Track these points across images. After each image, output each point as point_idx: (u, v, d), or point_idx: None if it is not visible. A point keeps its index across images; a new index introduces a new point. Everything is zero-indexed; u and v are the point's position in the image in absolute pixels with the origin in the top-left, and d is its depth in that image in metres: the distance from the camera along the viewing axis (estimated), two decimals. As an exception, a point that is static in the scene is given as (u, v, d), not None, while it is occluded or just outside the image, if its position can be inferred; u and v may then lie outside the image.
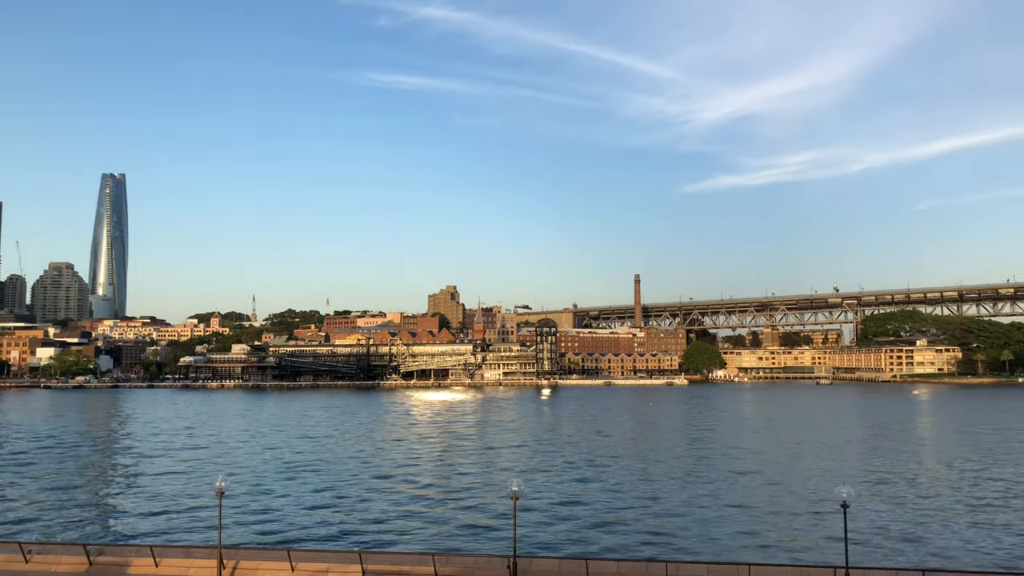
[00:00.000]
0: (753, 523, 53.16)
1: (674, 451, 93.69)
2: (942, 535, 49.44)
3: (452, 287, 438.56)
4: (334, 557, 36.51)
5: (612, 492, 65.08)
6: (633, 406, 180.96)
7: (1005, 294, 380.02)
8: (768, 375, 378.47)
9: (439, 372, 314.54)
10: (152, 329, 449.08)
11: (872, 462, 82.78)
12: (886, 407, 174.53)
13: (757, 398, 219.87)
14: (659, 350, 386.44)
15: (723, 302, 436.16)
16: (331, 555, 37.20)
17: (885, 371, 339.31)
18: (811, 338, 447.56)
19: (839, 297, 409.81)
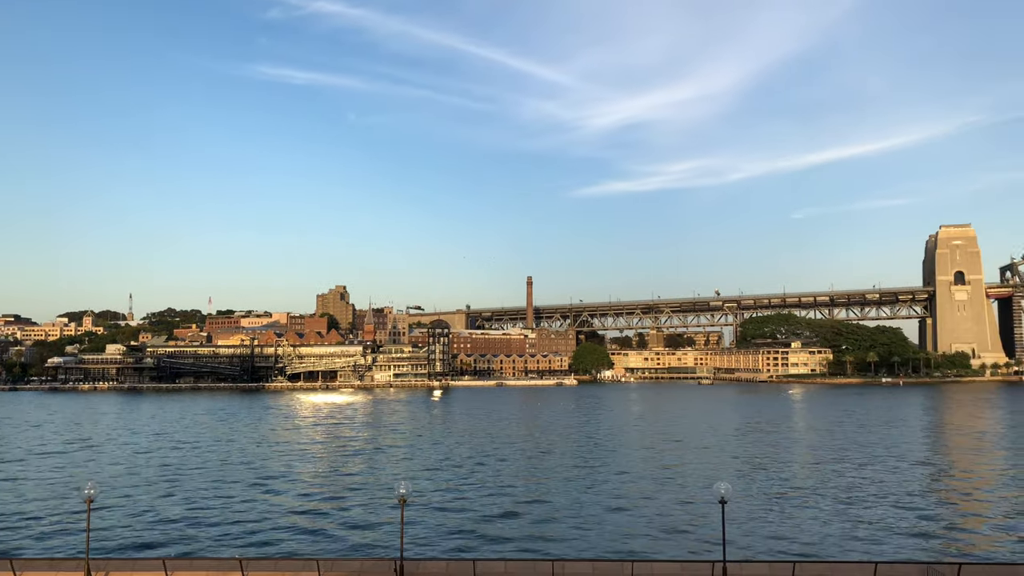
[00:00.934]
0: (636, 520, 54.31)
1: (561, 451, 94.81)
2: (812, 527, 51.85)
3: (342, 287, 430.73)
4: (213, 565, 34.88)
5: (500, 493, 65.19)
6: (523, 406, 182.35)
7: (872, 299, 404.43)
8: (653, 375, 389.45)
9: (327, 374, 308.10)
10: (16, 328, 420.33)
11: (749, 458, 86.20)
12: (763, 406, 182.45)
13: (642, 398, 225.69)
14: (550, 351, 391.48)
15: (611, 304, 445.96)
16: (209, 563, 35.52)
17: (763, 371, 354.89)
18: (694, 340, 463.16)
19: (720, 301, 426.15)
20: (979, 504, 61.29)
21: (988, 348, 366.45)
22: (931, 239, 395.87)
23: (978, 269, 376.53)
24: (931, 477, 73.90)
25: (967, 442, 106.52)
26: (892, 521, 53.32)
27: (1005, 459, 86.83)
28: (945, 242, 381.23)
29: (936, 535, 49.65)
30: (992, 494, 65.23)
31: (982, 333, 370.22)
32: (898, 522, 53.01)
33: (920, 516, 55.09)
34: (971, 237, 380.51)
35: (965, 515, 56.74)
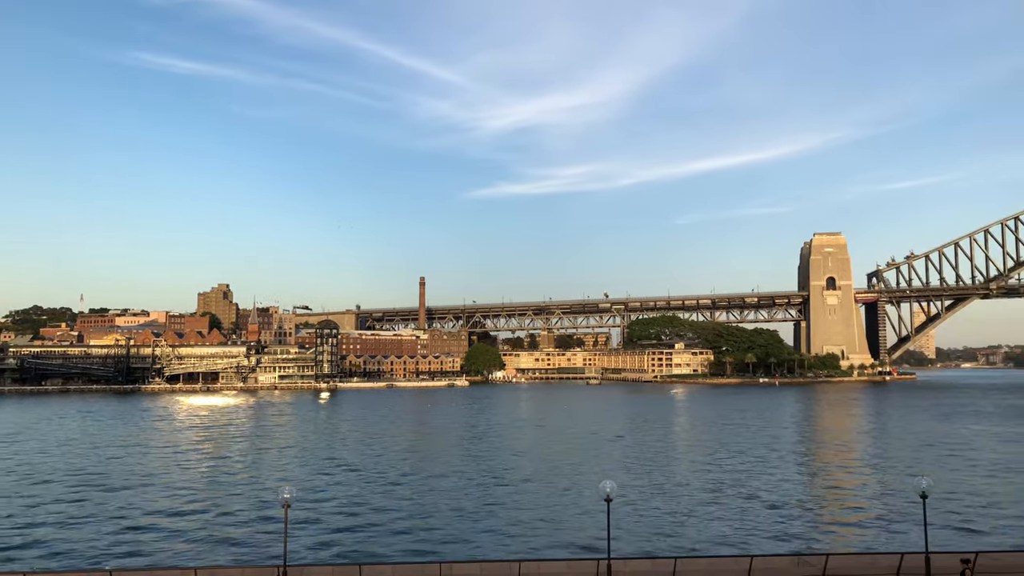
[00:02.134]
0: (524, 520, 54.40)
1: (449, 452, 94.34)
2: (692, 523, 53.30)
3: (225, 286, 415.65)
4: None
5: (387, 495, 64.13)
6: (413, 408, 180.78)
7: (750, 303, 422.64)
8: (544, 375, 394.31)
9: (209, 376, 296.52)
10: None
11: (634, 457, 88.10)
12: (648, 405, 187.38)
13: (532, 398, 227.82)
14: (442, 352, 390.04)
15: (504, 306, 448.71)
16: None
17: (648, 372, 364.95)
18: (583, 340, 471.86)
19: (609, 303, 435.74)
20: (845, 497, 64.59)
21: (856, 350, 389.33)
22: (806, 246, 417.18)
23: (848, 275, 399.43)
24: (801, 472, 77.47)
25: (834, 438, 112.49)
26: (766, 515, 55.43)
27: (868, 454, 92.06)
28: (818, 249, 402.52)
29: (806, 527, 51.89)
30: (856, 488, 68.91)
31: (851, 336, 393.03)
32: (771, 516, 55.15)
33: (791, 509, 57.51)
34: (842, 245, 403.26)
35: (832, 508, 59.66)
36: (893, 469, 77.83)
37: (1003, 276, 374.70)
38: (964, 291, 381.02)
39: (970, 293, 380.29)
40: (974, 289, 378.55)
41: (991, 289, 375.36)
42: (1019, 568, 32.75)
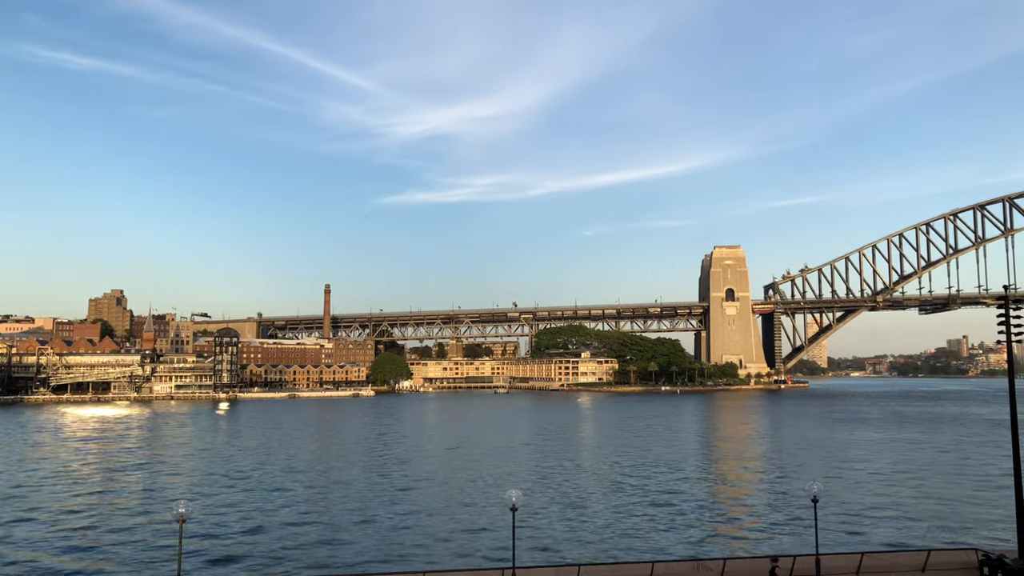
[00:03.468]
0: (429, 530, 53.66)
1: (353, 462, 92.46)
2: (596, 530, 53.67)
3: (118, 291, 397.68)
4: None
5: (287, 507, 62.20)
6: (316, 419, 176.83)
7: (653, 313, 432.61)
8: (452, 385, 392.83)
9: (99, 385, 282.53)
10: None
11: (540, 465, 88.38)
12: (554, 414, 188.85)
13: (439, 407, 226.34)
14: (347, 361, 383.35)
15: (412, 314, 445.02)
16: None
17: (555, 380, 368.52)
18: (492, 349, 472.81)
19: (517, 312, 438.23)
20: (741, 503, 66.36)
21: (753, 359, 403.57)
22: (707, 258, 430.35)
23: (746, 287, 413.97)
24: (699, 478, 79.27)
25: (732, 445, 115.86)
26: (666, 521, 56.36)
27: (763, 460, 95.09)
28: (718, 261, 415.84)
29: (705, 533, 52.99)
30: (752, 493, 70.94)
31: (748, 345, 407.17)
32: (672, 522, 56.11)
33: (690, 515, 58.69)
34: (740, 257, 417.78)
35: (729, 513, 61.16)
36: (786, 474, 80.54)
37: (889, 289, 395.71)
38: (853, 303, 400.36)
39: (859, 305, 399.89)
40: (863, 301, 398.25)
41: (878, 302, 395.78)
42: (903, 567, 34.15)
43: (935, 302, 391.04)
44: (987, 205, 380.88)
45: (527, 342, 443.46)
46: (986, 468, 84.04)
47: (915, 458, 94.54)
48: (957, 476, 78.40)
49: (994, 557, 32.85)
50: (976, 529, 53.00)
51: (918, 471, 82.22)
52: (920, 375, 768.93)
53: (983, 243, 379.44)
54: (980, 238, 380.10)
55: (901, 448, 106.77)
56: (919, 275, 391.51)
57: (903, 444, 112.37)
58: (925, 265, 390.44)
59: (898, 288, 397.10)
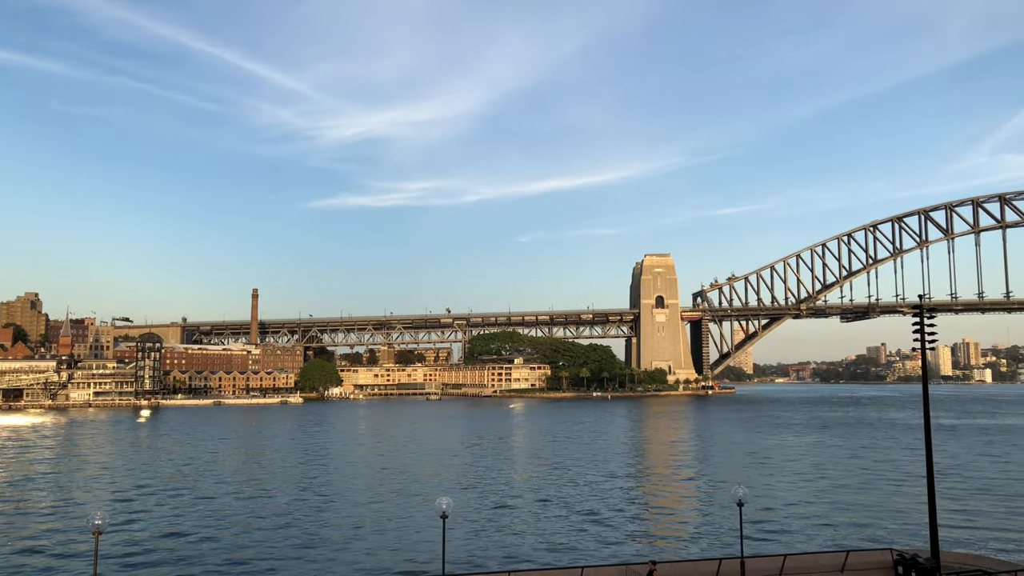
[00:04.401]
0: (358, 540, 52.75)
1: (279, 472, 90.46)
2: (526, 536, 53.56)
3: (33, 294, 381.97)
4: None
5: (209, 520, 60.35)
6: (242, 426, 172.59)
7: (586, 319, 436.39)
8: (383, 391, 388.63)
9: (11, 392, 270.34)
10: None
11: (471, 472, 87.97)
12: (486, 420, 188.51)
13: (370, 414, 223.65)
14: (275, 368, 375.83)
15: (343, 320, 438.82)
16: None
17: (488, 387, 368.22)
18: (424, 356, 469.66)
19: (451, 318, 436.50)
20: (669, 506, 67.28)
21: (682, 365, 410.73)
22: (637, 266, 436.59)
23: (675, 294, 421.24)
24: (629, 483, 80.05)
25: (660, 450, 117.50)
26: (596, 526, 56.66)
27: (691, 465, 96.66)
28: (649, 269, 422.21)
29: (633, 537, 53.45)
30: (680, 497, 71.99)
31: (677, 352, 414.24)
32: (601, 527, 56.45)
33: (619, 520, 59.14)
34: (670, 265, 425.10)
35: (657, 517, 61.89)
36: (713, 479, 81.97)
37: (812, 298, 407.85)
38: (778, 311, 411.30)
39: (783, 313, 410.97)
40: (787, 309, 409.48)
41: (801, 310, 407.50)
42: (823, 568, 35.00)
43: (855, 310, 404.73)
44: (904, 217, 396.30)
45: (460, 348, 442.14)
46: (901, 471, 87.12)
47: (835, 462, 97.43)
48: (874, 479, 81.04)
49: (908, 556, 33.91)
50: (892, 529, 54.79)
51: (838, 474, 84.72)
52: (841, 381, 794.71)
53: (900, 254, 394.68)
54: (898, 249, 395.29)
55: (822, 452, 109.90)
56: (840, 284, 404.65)
57: (824, 448, 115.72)
58: (846, 275, 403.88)
59: (820, 297, 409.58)
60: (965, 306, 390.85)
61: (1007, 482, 77.97)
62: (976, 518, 58.69)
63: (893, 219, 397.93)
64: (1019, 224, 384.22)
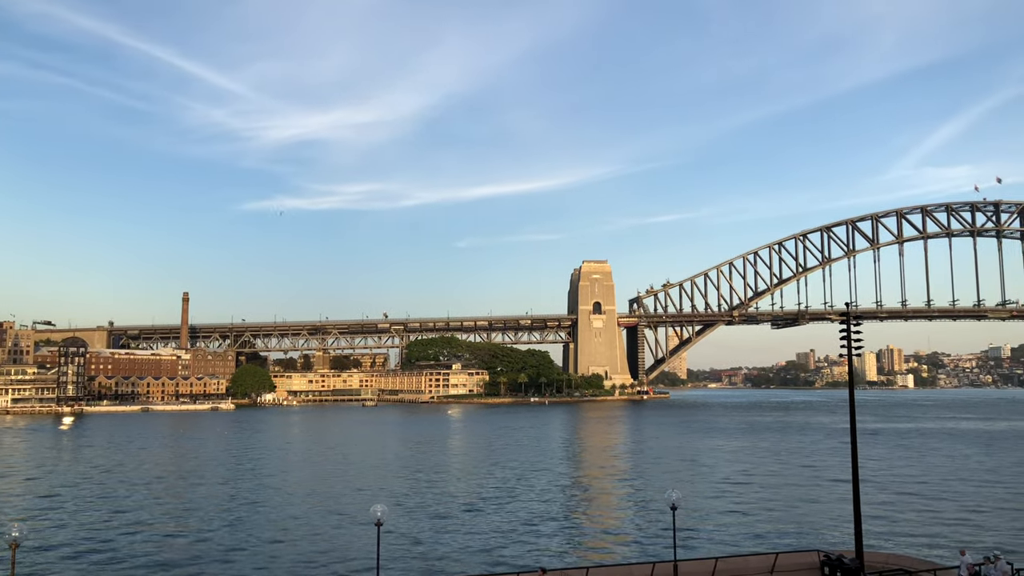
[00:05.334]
0: (290, 550, 51.63)
1: (206, 481, 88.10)
2: (460, 542, 53.20)
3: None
4: None
5: (132, 530, 58.31)
6: (171, 434, 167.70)
7: (524, 325, 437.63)
8: (318, 398, 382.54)
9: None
10: None
11: (406, 479, 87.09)
12: (422, 426, 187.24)
13: (303, 421, 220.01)
14: (206, 373, 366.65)
15: (277, 325, 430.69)
16: None
17: (425, 392, 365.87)
18: (360, 362, 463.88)
19: (388, 323, 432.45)
20: (604, 511, 67.74)
21: (618, 370, 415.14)
22: (575, 272, 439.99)
23: (612, 301, 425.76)
24: (564, 488, 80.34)
25: (596, 454, 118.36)
26: (530, 531, 56.61)
27: (626, 469, 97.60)
28: (586, 275, 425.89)
29: (568, 542, 53.58)
30: (614, 501, 72.55)
31: (614, 357, 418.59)
32: (535, 532, 56.43)
33: (554, 525, 59.24)
34: (607, 272, 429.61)
35: (592, 521, 62.21)
36: (647, 483, 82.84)
37: (744, 305, 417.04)
38: (712, 317, 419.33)
39: (716, 319, 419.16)
40: (720, 316, 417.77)
41: (734, 316, 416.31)
42: (753, 570, 35.57)
43: (785, 317, 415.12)
44: (832, 227, 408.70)
45: (397, 354, 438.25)
46: (828, 473, 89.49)
47: (765, 465, 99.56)
48: (802, 481, 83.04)
49: (834, 557, 34.71)
50: (819, 531, 56.15)
51: (767, 478, 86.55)
52: (772, 386, 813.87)
53: (829, 263, 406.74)
54: (826, 258, 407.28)
55: (752, 456, 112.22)
56: (771, 292, 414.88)
57: (754, 452, 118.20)
58: (777, 282, 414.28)
59: (752, 304, 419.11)
60: (889, 314, 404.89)
61: (926, 484, 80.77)
62: (898, 519, 60.58)
63: (822, 229, 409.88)
64: (939, 235, 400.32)
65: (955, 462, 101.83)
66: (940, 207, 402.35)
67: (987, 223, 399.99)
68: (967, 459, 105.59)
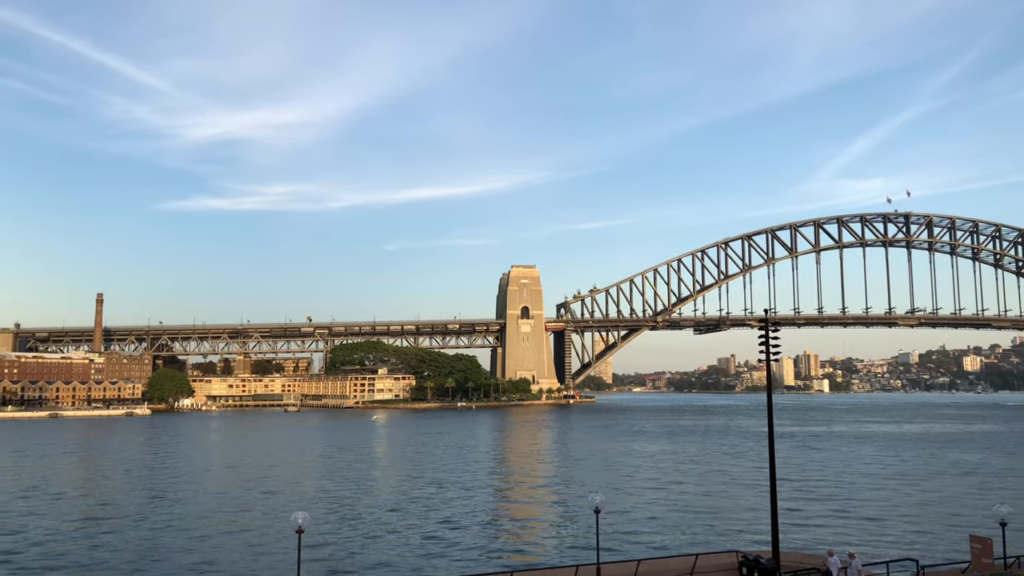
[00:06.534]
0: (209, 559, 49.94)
1: (116, 490, 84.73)
2: (387, 548, 52.40)
3: None
4: None
5: (50, 540, 55.56)
6: (82, 440, 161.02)
7: (452, 329, 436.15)
8: (238, 403, 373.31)
9: None
10: None
11: (328, 485, 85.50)
12: (346, 432, 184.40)
13: (223, 426, 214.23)
14: (121, 377, 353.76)
15: (196, 328, 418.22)
16: None
17: (350, 398, 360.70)
18: (283, 366, 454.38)
19: (312, 327, 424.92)
20: (529, 514, 67.73)
21: (545, 375, 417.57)
22: (504, 277, 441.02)
23: (540, 306, 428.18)
24: (488, 492, 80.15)
25: (521, 458, 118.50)
26: (454, 536, 56.17)
27: (550, 473, 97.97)
28: (515, 280, 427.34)
29: (492, 546, 53.32)
30: (539, 505, 72.65)
31: (541, 362, 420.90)
32: (459, 537, 56.02)
33: (478, 529, 58.92)
34: (535, 277, 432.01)
35: (517, 525, 62.14)
36: (571, 486, 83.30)
37: (668, 310, 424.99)
38: (636, 323, 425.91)
39: (641, 324, 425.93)
40: (644, 321, 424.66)
41: (658, 322, 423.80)
42: (674, 571, 35.96)
43: (707, 323, 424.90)
44: (753, 236, 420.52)
45: (321, 358, 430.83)
46: (747, 476, 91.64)
47: (686, 468, 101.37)
48: (722, 484, 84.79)
49: (752, 558, 35.40)
50: (738, 532, 57.30)
51: (689, 480, 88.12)
52: (694, 390, 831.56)
53: (749, 270, 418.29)
54: (747, 266, 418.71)
55: (674, 459, 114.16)
56: (694, 298, 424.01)
57: (676, 455, 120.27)
58: (699, 289, 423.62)
59: (676, 309, 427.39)
60: (806, 320, 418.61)
61: (839, 485, 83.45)
62: (813, 519, 62.33)
63: (743, 237, 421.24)
64: (854, 245, 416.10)
65: (865, 464, 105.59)
66: (855, 218, 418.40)
67: (898, 234, 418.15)
68: (877, 461, 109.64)
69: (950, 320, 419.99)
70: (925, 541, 53.32)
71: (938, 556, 45.73)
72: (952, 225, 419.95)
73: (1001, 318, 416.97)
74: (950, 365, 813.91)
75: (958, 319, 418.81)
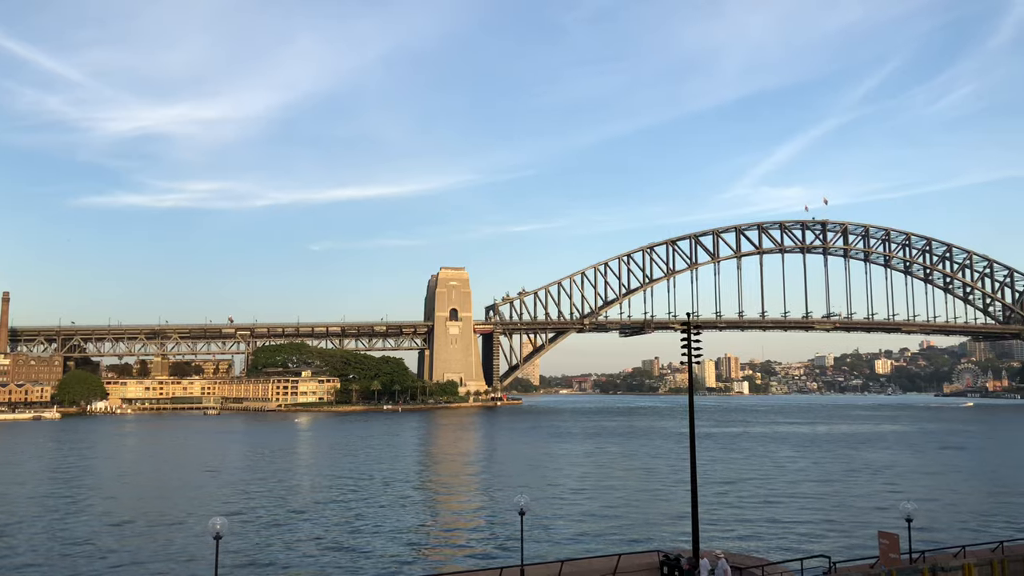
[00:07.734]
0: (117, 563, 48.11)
1: (28, 497, 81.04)
2: (310, 555, 51.47)
3: None
4: None
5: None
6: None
7: (379, 331, 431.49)
8: (155, 406, 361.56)
9: None
10: None
11: (247, 490, 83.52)
12: (268, 435, 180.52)
13: (138, 430, 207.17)
14: (29, 380, 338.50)
15: (111, 328, 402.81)
16: None
17: (272, 401, 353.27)
18: (203, 368, 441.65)
19: (233, 328, 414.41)
20: (454, 518, 67.52)
21: (473, 377, 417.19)
22: (433, 279, 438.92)
23: (469, 307, 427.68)
24: (413, 496, 79.58)
25: (446, 461, 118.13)
26: (379, 542, 55.60)
27: (476, 475, 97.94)
28: (444, 282, 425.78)
29: (416, 551, 52.97)
30: (464, 508, 72.51)
31: (469, 364, 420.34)
32: (384, 542, 55.48)
33: (404, 534, 58.44)
34: (465, 279, 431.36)
35: (441, 529, 61.87)
36: (496, 488, 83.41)
37: (594, 313, 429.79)
38: (564, 325, 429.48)
39: (568, 327, 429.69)
40: (571, 324, 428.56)
41: (585, 324, 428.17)
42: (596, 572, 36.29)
43: (632, 326, 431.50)
44: (677, 241, 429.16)
45: (243, 360, 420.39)
46: (670, 476, 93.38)
47: (611, 468, 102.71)
48: (645, 484, 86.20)
49: (673, 557, 36.01)
50: (660, 532, 58.29)
51: (612, 481, 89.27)
52: (619, 392, 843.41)
53: (673, 274, 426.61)
54: (671, 270, 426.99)
55: (598, 459, 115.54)
56: (620, 301, 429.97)
57: (600, 456, 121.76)
58: (625, 292, 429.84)
59: (602, 312, 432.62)
60: (728, 324, 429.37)
61: (757, 484, 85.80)
62: (733, 519, 63.88)
63: (668, 242, 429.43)
64: (773, 251, 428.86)
65: (779, 465, 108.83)
66: (775, 225, 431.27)
67: (815, 241, 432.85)
68: (791, 462, 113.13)
69: (863, 324, 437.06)
70: (836, 538, 55.28)
71: (849, 552, 47.40)
72: (866, 233, 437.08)
73: (910, 323, 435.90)
74: (863, 368, 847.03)
75: (871, 323, 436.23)
